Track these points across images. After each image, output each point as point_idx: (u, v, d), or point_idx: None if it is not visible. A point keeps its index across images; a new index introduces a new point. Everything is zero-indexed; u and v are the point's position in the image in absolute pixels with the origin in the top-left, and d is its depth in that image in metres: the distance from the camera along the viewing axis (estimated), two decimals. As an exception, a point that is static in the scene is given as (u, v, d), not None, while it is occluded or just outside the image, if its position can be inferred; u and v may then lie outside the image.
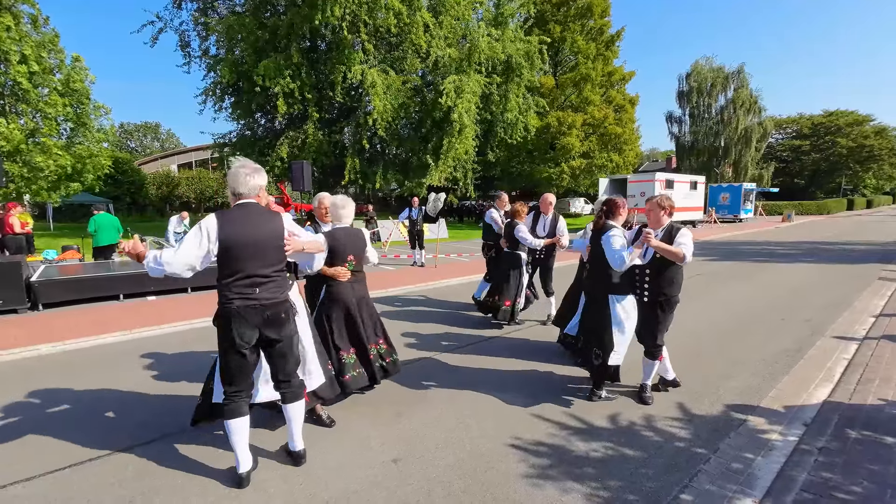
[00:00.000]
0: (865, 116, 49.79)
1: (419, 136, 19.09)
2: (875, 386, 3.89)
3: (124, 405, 3.73)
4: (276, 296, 2.54)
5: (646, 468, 2.78)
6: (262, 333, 2.53)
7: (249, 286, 2.47)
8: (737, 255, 13.30)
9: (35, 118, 12.48)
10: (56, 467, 2.85)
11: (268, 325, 2.53)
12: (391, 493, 2.57)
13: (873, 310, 6.57)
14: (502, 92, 19.90)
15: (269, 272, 2.52)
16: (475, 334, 5.66)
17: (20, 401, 3.87)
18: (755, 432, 3.21)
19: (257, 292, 2.48)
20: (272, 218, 2.57)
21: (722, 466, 2.79)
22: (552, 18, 27.24)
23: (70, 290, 7.22)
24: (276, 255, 2.55)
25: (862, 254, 13.14)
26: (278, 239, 2.55)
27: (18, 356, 5.00)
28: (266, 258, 2.51)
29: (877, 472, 2.68)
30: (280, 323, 2.57)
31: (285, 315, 2.60)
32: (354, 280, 3.48)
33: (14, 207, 10.17)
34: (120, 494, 2.59)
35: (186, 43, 19.38)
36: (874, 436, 3.08)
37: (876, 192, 57.07)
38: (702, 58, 41.19)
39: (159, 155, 50.18)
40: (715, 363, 4.54)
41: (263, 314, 2.50)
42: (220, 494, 2.58)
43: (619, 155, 27.86)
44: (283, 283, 2.63)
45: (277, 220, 2.58)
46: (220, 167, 38.11)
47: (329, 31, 16.89)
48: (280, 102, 16.31)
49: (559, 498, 2.52)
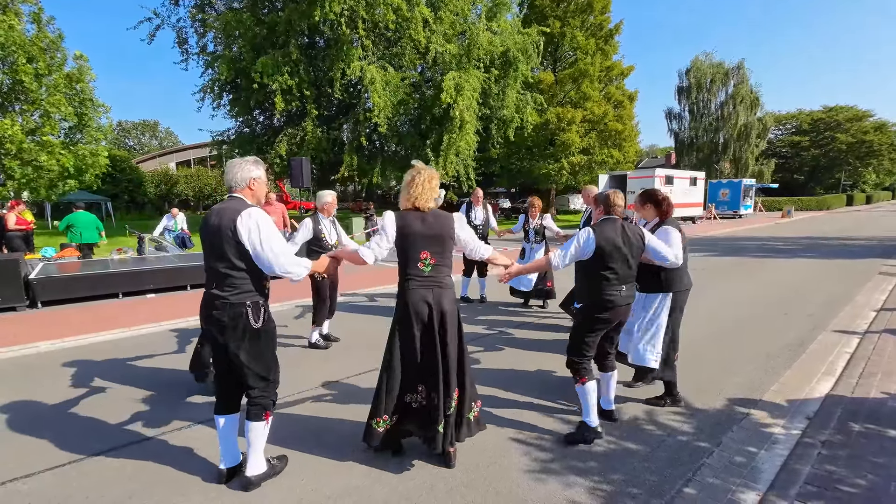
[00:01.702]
0: (865, 112, 49.69)
1: (418, 132, 19.03)
2: (877, 380, 3.88)
3: (124, 402, 3.71)
4: (226, 295, 2.38)
5: (649, 462, 2.77)
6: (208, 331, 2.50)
7: (207, 280, 2.47)
8: (737, 250, 13.29)
9: (34, 117, 12.42)
10: (56, 464, 2.83)
11: (210, 322, 2.43)
12: (393, 488, 2.56)
13: (874, 304, 6.57)
14: (500, 87, 19.81)
15: (222, 268, 2.38)
16: (475, 331, 5.65)
17: (20, 398, 3.85)
18: (758, 426, 3.20)
19: (213, 286, 2.43)
20: (231, 212, 2.35)
21: (725, 460, 2.78)
22: (552, 14, 27.12)
23: (69, 288, 7.19)
24: (231, 250, 2.35)
25: (862, 249, 13.14)
26: (231, 233, 2.33)
27: (18, 353, 4.98)
28: (216, 252, 2.38)
29: (881, 464, 2.67)
30: (222, 325, 2.38)
31: (231, 319, 2.37)
32: None
33: (17, 205, 10.18)
34: (120, 490, 2.57)
35: (184, 40, 19.28)
36: (877, 429, 3.08)
37: (875, 188, 57.07)
38: (701, 53, 41.24)
39: (157, 153, 50.08)
40: (717, 358, 4.53)
41: (210, 310, 2.41)
42: (220, 490, 2.56)
43: (619, 151, 27.78)
44: (241, 284, 2.39)
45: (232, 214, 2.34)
46: (218, 165, 38.03)
47: (327, 28, 16.78)
48: (278, 99, 16.24)
49: (562, 492, 2.51)
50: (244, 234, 2.32)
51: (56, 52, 12.79)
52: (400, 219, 2.62)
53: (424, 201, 2.64)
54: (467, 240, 2.77)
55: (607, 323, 2.96)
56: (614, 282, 2.88)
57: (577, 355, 2.98)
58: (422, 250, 2.59)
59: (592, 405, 2.96)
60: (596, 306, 2.92)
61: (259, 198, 2.58)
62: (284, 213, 10.10)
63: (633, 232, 2.96)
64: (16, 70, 11.52)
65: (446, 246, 2.67)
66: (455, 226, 2.70)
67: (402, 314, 2.62)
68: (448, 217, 2.71)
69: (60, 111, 12.34)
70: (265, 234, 2.34)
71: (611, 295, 2.88)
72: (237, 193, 2.49)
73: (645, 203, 3.48)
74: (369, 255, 2.67)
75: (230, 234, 2.33)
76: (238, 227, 2.31)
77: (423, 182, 2.63)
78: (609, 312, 2.91)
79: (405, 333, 2.62)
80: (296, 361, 4.57)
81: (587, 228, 2.93)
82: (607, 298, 2.88)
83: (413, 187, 2.63)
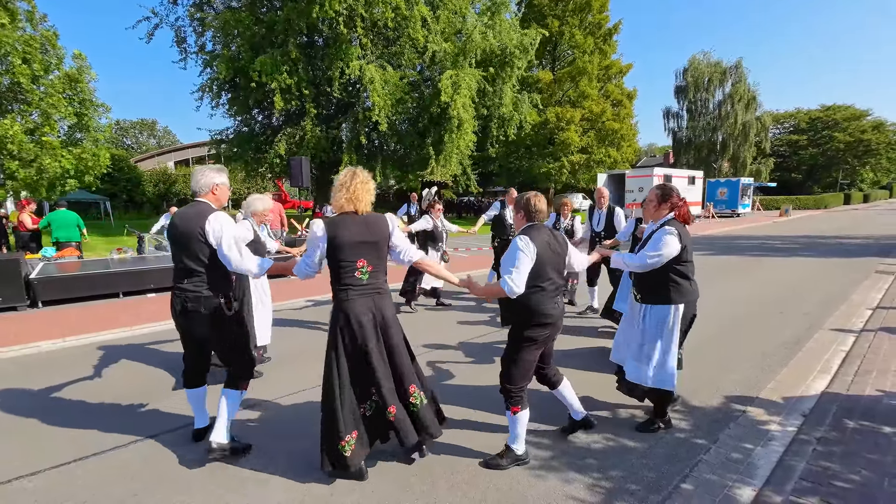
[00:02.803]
0: (863, 111, 49.81)
1: (416, 131, 19.02)
2: (872, 377, 3.93)
3: (126, 401, 3.74)
4: (200, 290, 2.67)
5: (647, 459, 2.81)
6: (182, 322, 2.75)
7: (178, 276, 2.74)
8: (735, 249, 13.35)
9: (33, 117, 12.38)
10: (60, 462, 2.86)
11: (186, 314, 2.70)
12: (394, 486, 2.59)
13: (870, 303, 6.62)
14: (497, 85, 19.80)
15: (193, 266, 2.66)
16: (476, 329, 5.68)
17: (22, 398, 3.88)
18: (754, 423, 3.24)
19: (184, 282, 2.69)
20: (197, 216, 2.63)
21: (722, 456, 2.82)
22: (550, 13, 27.15)
23: (69, 288, 7.21)
24: (201, 250, 2.63)
25: (859, 247, 13.20)
26: (199, 234, 2.61)
27: (19, 353, 5.00)
28: (187, 252, 2.66)
29: (875, 460, 2.71)
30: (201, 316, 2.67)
31: (207, 310, 2.67)
32: None
33: (29, 204, 10.21)
34: (124, 488, 2.60)
35: (182, 39, 19.20)
36: (872, 425, 3.12)
37: (873, 187, 57.21)
38: (699, 52, 41.22)
39: (156, 152, 49.94)
40: (714, 356, 4.57)
41: (185, 304, 2.68)
42: (224, 487, 2.59)
43: (618, 150, 27.85)
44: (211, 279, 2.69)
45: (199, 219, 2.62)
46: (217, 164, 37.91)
47: (326, 27, 16.75)
48: (277, 98, 16.21)
49: (561, 488, 2.55)
50: (210, 235, 2.60)
51: (52, 50, 12.72)
52: (331, 228, 2.47)
53: (364, 204, 2.52)
54: (397, 243, 2.64)
55: (547, 341, 2.70)
56: (552, 293, 2.63)
57: (514, 382, 2.67)
58: (358, 258, 2.48)
59: (521, 434, 2.73)
60: (534, 324, 2.60)
61: (222, 201, 2.84)
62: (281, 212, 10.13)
63: (560, 239, 2.75)
64: (12, 71, 11.48)
65: (383, 252, 2.59)
66: (391, 228, 2.59)
67: (343, 325, 2.49)
68: (383, 220, 2.60)
69: (60, 111, 12.30)
70: (227, 235, 2.61)
71: (550, 309, 2.61)
72: (201, 198, 2.76)
73: (661, 203, 3.08)
74: (300, 273, 2.59)
75: (199, 235, 2.61)
76: (206, 229, 2.60)
77: (361, 183, 2.51)
78: (549, 329, 2.65)
79: (349, 345, 2.49)
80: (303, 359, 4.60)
81: (522, 235, 2.61)
82: (546, 313, 2.59)
83: (351, 188, 2.49)
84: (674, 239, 2.88)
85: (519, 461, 2.75)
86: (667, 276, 2.96)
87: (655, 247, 2.91)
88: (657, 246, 2.90)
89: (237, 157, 20.04)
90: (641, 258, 2.96)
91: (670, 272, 2.95)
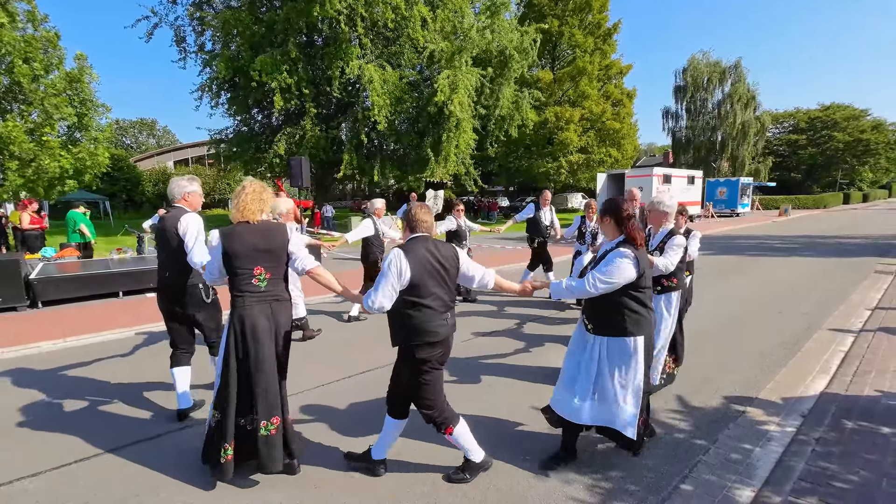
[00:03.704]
0: (862, 111, 49.86)
1: (416, 130, 19.02)
2: (871, 377, 3.94)
3: (127, 401, 3.75)
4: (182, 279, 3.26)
5: (646, 459, 2.82)
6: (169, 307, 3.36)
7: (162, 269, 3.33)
8: (734, 249, 13.37)
9: (32, 116, 12.37)
10: (61, 463, 2.87)
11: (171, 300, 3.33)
12: (395, 485, 2.60)
13: (869, 303, 6.63)
14: (496, 85, 19.81)
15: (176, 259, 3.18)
16: (477, 329, 5.69)
17: (23, 398, 3.88)
18: (754, 423, 3.25)
19: (167, 274, 3.29)
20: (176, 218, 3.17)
21: (721, 457, 2.83)
22: (550, 13, 27.15)
23: (69, 288, 7.21)
24: (179, 245, 3.13)
25: (858, 247, 13.23)
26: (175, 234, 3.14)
27: (19, 353, 5.00)
28: (169, 248, 3.20)
29: (873, 461, 2.72)
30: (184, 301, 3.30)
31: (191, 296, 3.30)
32: None
33: (30, 203, 10.22)
34: (125, 489, 2.61)
35: (182, 38, 19.20)
36: (870, 426, 3.13)
37: (872, 186, 57.26)
38: (698, 52, 41.08)
39: (155, 152, 49.90)
40: (713, 356, 4.58)
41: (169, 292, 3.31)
42: (224, 487, 2.60)
43: (618, 150, 27.86)
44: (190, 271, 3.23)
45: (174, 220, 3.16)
46: (216, 164, 37.92)
47: (326, 26, 16.76)
48: (277, 98, 16.22)
49: (561, 489, 2.56)
50: (182, 232, 3.12)
51: (53, 51, 12.72)
52: (225, 238, 2.51)
53: (252, 213, 2.55)
54: (292, 251, 2.64)
55: (443, 360, 2.52)
56: (439, 310, 2.43)
57: (429, 407, 2.51)
58: (255, 266, 2.51)
59: (471, 445, 2.61)
60: (422, 344, 2.41)
61: (195, 205, 3.35)
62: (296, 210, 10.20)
63: (445, 252, 2.50)
64: (13, 71, 11.47)
65: (280, 259, 2.61)
66: (289, 237, 2.63)
67: (239, 331, 2.49)
68: (280, 229, 2.63)
69: (60, 112, 12.30)
70: (191, 234, 3.13)
71: (437, 327, 2.42)
72: (177, 204, 3.30)
73: (602, 219, 2.71)
74: (207, 279, 2.74)
75: (174, 233, 3.14)
76: (178, 228, 3.13)
77: (250, 193, 2.57)
78: (441, 347, 2.46)
79: (241, 352, 2.49)
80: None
81: (395, 249, 2.41)
82: (432, 331, 2.40)
83: (240, 200, 2.56)
84: (627, 264, 2.47)
85: (482, 468, 2.65)
86: (622, 305, 2.55)
87: (604, 271, 2.51)
88: (606, 270, 2.51)
89: (237, 156, 20.03)
90: (587, 285, 2.53)
91: (627, 298, 2.54)
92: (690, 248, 4.06)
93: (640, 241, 2.57)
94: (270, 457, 2.49)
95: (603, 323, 2.61)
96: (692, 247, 4.09)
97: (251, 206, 2.56)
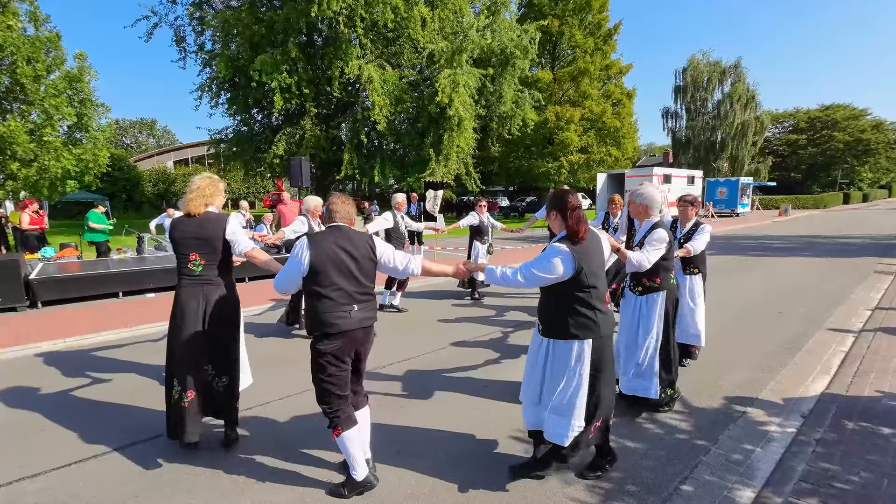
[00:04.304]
0: (862, 111, 49.87)
1: (416, 130, 19.01)
2: (872, 378, 3.94)
3: (127, 401, 3.74)
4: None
5: (647, 460, 2.82)
6: None
7: None
8: (734, 248, 13.36)
9: (32, 116, 12.37)
10: (61, 464, 2.86)
11: None
12: (396, 485, 2.60)
13: (869, 303, 6.63)
14: (497, 84, 19.81)
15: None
16: (478, 330, 5.69)
17: (23, 398, 3.88)
18: (754, 424, 3.25)
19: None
20: None
21: (722, 458, 2.83)
22: (550, 12, 27.14)
23: (69, 288, 7.21)
24: None
25: (858, 247, 13.23)
26: None
27: (19, 354, 5.00)
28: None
29: (874, 461, 2.72)
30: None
31: None
32: None
33: (31, 203, 10.23)
34: (125, 489, 2.61)
35: (182, 38, 19.18)
36: (871, 426, 3.13)
37: (872, 186, 57.25)
38: (698, 52, 41.07)
39: (155, 151, 49.83)
40: (714, 356, 4.58)
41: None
42: (224, 488, 2.60)
43: (618, 149, 27.85)
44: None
45: None
46: (216, 163, 37.89)
47: (326, 26, 16.75)
48: (277, 97, 16.19)
49: (561, 489, 2.55)
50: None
51: (54, 51, 12.73)
52: (171, 227, 2.96)
53: (195, 207, 2.90)
54: (230, 238, 2.92)
55: (342, 354, 2.44)
56: (340, 302, 2.40)
57: (325, 402, 2.46)
58: (191, 252, 2.88)
59: (356, 458, 2.48)
60: (321, 335, 2.41)
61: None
62: None
63: (360, 241, 2.50)
64: (15, 72, 11.48)
65: (215, 247, 2.90)
66: (226, 228, 2.91)
67: (175, 309, 2.92)
68: (219, 220, 2.92)
69: (60, 112, 12.30)
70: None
71: (335, 319, 2.38)
72: None
73: (550, 211, 2.56)
74: None
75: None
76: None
77: (195, 190, 2.93)
78: (338, 340, 2.40)
79: (180, 325, 2.88)
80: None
81: (303, 237, 2.47)
82: (329, 322, 2.38)
83: (186, 195, 2.97)
84: (557, 259, 2.34)
85: (362, 488, 2.50)
86: (565, 306, 2.43)
87: (534, 263, 2.42)
88: (535, 263, 2.41)
89: (236, 156, 20.01)
90: (518, 275, 2.46)
91: (569, 298, 2.41)
92: (695, 244, 4.01)
93: (581, 234, 2.39)
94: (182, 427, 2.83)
95: (547, 324, 2.51)
96: (697, 242, 4.02)
97: (195, 201, 2.92)
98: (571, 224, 2.40)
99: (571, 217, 2.40)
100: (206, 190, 2.96)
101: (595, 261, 2.45)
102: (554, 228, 2.53)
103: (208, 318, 2.88)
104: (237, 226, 2.97)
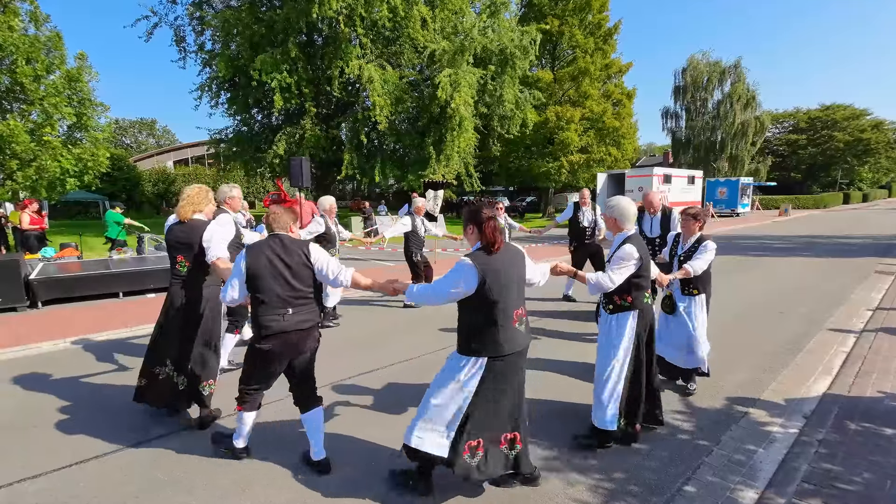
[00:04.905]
0: (862, 110, 49.83)
1: (416, 130, 19.01)
2: (873, 378, 3.93)
3: (127, 402, 3.71)
4: None
5: (649, 460, 2.81)
6: None
7: None
8: (734, 249, 13.35)
9: (32, 116, 12.37)
10: (62, 464, 2.86)
11: None
12: (395, 487, 2.59)
13: (870, 303, 6.63)
14: (498, 84, 19.81)
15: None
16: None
17: (23, 399, 3.87)
18: (756, 425, 3.25)
19: None
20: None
21: (724, 458, 2.83)
22: (550, 12, 27.12)
23: (69, 288, 7.20)
24: None
25: (858, 247, 13.22)
26: None
27: (19, 354, 4.99)
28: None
29: (877, 462, 2.71)
30: None
31: None
32: None
33: (30, 203, 10.23)
34: (125, 490, 2.60)
35: (182, 38, 19.18)
36: (873, 427, 3.12)
37: (872, 186, 57.26)
38: (698, 52, 40.98)
39: (155, 151, 49.78)
40: (715, 357, 4.54)
41: None
42: (225, 488, 2.59)
43: (618, 149, 27.84)
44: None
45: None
46: (216, 163, 37.88)
47: (326, 26, 16.74)
48: (277, 97, 16.18)
49: (564, 490, 2.55)
50: None
51: (55, 51, 12.73)
52: (166, 230, 3.36)
53: (184, 213, 3.26)
54: (204, 245, 3.16)
55: (274, 356, 2.59)
56: (275, 306, 2.53)
57: (243, 382, 2.71)
58: (178, 254, 3.26)
59: (244, 430, 2.79)
60: (258, 335, 2.58)
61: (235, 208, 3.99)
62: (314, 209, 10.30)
63: (294, 248, 2.58)
64: (15, 72, 11.48)
65: (196, 252, 3.22)
66: (203, 235, 3.18)
67: (164, 304, 3.35)
68: (200, 227, 3.22)
69: (59, 111, 12.30)
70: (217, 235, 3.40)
71: (269, 321, 2.52)
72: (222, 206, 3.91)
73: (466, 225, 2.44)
74: None
75: None
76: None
77: (185, 199, 3.30)
78: (271, 342, 2.54)
79: (162, 321, 3.35)
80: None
81: (243, 250, 2.65)
82: (264, 325, 2.53)
83: (178, 204, 3.32)
84: (460, 274, 2.28)
85: (234, 453, 2.85)
86: (468, 320, 2.37)
87: (444, 277, 2.36)
88: (445, 277, 2.35)
89: (236, 156, 20.00)
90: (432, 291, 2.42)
91: (471, 314, 2.34)
92: (695, 264, 3.56)
93: (497, 245, 2.32)
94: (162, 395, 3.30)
95: (458, 338, 2.43)
96: (698, 262, 3.57)
97: (184, 208, 3.28)
98: (489, 234, 2.31)
99: (488, 227, 2.32)
100: (195, 198, 3.31)
101: (506, 275, 2.33)
102: (470, 242, 2.44)
103: (182, 316, 3.24)
104: (214, 233, 3.20)
